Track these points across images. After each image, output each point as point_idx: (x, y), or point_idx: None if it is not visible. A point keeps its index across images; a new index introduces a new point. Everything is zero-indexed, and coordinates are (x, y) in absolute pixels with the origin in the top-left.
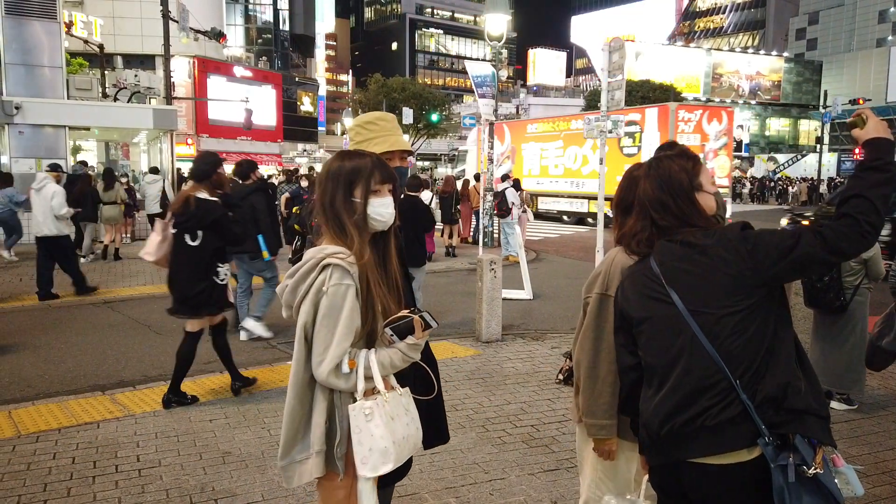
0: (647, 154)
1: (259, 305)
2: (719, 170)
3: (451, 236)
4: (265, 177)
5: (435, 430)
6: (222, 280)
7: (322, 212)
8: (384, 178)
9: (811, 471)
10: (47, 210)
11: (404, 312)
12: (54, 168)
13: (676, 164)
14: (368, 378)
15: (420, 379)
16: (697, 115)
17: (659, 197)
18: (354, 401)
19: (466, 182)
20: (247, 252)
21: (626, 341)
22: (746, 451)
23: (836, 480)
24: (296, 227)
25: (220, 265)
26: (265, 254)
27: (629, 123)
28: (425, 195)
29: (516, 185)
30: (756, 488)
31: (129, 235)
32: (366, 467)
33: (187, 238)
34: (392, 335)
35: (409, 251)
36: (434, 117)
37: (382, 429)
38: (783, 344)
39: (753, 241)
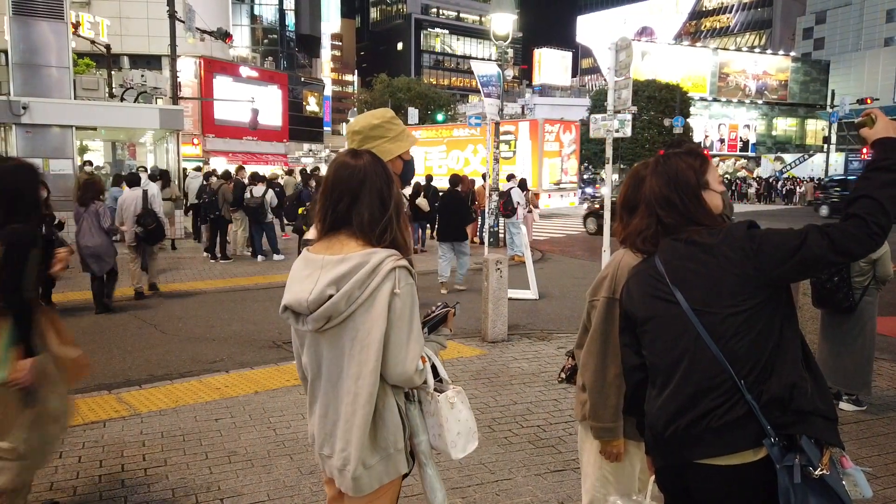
0: (520, 159)
1: None
2: (570, 169)
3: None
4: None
5: None
6: None
7: (384, 213)
8: None
9: (817, 472)
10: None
11: (433, 308)
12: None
13: (684, 161)
14: (433, 369)
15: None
16: (556, 128)
17: (665, 194)
18: (407, 397)
19: (473, 182)
20: None
21: (630, 341)
22: (752, 451)
23: (843, 482)
24: (304, 227)
25: None
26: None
27: (505, 133)
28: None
29: (522, 184)
30: (762, 489)
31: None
32: (456, 449)
33: None
34: (424, 329)
35: (456, 230)
36: (439, 117)
37: (466, 412)
38: (789, 344)
39: (759, 240)
